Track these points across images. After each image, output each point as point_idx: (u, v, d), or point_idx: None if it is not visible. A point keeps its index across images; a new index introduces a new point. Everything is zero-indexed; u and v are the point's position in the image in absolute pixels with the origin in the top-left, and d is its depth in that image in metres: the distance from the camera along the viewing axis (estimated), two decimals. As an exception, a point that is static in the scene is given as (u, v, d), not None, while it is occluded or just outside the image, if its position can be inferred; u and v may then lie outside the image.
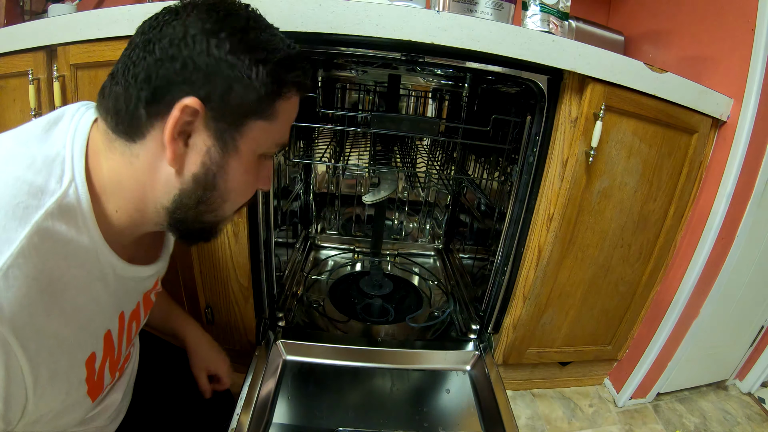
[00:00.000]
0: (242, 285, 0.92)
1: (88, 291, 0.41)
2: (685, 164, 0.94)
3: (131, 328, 0.52)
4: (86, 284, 0.40)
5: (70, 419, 0.46)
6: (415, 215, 1.61)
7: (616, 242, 0.97)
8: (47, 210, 0.35)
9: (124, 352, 0.52)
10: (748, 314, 1.19)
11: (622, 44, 1.26)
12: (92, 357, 0.44)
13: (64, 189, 0.37)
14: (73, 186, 0.38)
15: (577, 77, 0.79)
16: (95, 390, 0.47)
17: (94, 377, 0.46)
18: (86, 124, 0.42)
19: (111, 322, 0.48)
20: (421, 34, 0.70)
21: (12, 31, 0.87)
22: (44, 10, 1.24)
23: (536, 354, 1.08)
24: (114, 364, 0.50)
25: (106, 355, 0.47)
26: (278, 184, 1.05)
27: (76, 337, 0.40)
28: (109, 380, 0.50)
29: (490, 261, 1.05)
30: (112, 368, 0.50)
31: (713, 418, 1.17)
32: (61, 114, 0.43)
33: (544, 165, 0.87)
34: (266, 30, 0.42)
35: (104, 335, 0.46)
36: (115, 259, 0.44)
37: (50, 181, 0.37)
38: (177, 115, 0.37)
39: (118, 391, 0.60)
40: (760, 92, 0.87)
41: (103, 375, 0.48)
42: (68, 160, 0.39)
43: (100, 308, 0.44)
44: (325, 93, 1.39)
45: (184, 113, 0.38)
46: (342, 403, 0.85)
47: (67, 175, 0.38)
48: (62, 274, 0.37)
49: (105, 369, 0.48)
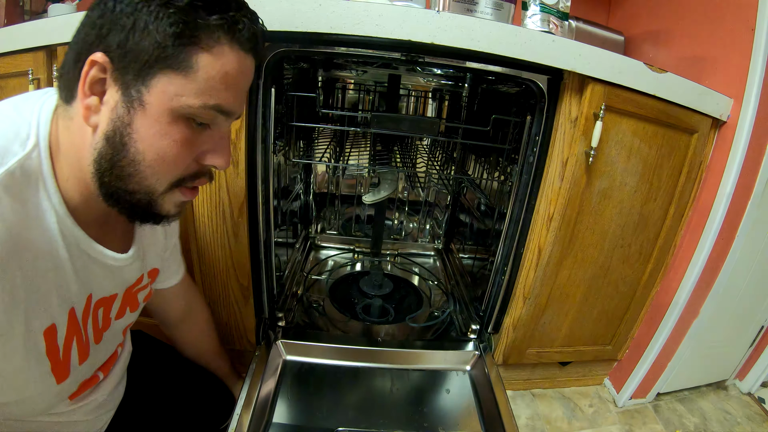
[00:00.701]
0: (242, 285, 0.92)
1: (49, 258, 0.41)
2: (685, 164, 0.94)
3: (97, 315, 0.51)
4: (47, 250, 0.41)
5: (37, 400, 0.45)
6: (415, 215, 1.61)
7: (616, 242, 0.97)
8: (8, 169, 0.37)
9: (91, 337, 0.51)
10: (748, 314, 1.19)
11: (622, 44, 1.26)
12: (52, 329, 0.44)
13: (27, 152, 0.39)
14: (36, 151, 0.39)
15: (577, 77, 0.79)
16: (60, 369, 0.46)
17: (58, 354, 0.45)
18: (53, 100, 0.43)
19: (77, 300, 0.47)
20: (421, 34, 0.70)
21: (12, 31, 0.87)
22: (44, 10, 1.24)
23: (536, 354, 1.08)
24: (83, 348, 0.49)
25: (70, 332, 0.46)
26: (278, 184, 1.05)
27: (32, 301, 0.40)
28: (77, 363, 0.49)
29: (490, 261, 1.05)
30: (82, 352, 0.49)
31: (713, 418, 1.17)
32: (33, 93, 0.44)
33: (544, 165, 0.87)
34: None
35: (68, 311, 0.46)
36: (77, 231, 0.43)
37: (14, 144, 0.38)
38: (86, 69, 0.38)
39: (102, 391, 0.59)
40: (760, 92, 0.87)
41: (69, 355, 0.47)
42: (34, 127, 0.40)
43: (62, 280, 0.44)
44: (325, 93, 1.39)
45: (91, 67, 0.38)
46: (342, 403, 0.85)
47: (32, 140, 0.40)
48: (20, 232, 0.37)
49: (72, 350, 0.47)
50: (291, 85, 1.03)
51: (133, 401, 0.68)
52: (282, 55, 0.75)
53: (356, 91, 1.41)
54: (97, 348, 0.53)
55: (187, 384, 0.80)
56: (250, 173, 0.82)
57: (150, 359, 0.77)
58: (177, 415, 0.73)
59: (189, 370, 0.83)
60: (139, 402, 0.69)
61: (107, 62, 0.38)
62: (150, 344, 0.81)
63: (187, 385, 0.80)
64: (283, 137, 1.04)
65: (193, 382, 0.81)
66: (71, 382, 0.50)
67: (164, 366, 0.80)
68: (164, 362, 0.81)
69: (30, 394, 0.45)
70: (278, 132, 0.95)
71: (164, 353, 0.82)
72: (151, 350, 0.80)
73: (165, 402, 0.74)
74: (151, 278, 0.63)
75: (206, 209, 0.84)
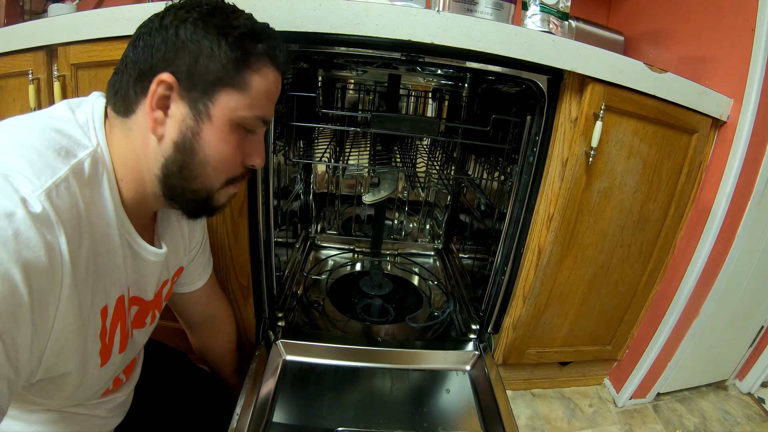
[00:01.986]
0: (242, 285, 0.92)
1: (107, 243, 0.45)
2: (685, 164, 0.94)
3: (131, 310, 0.55)
4: (105, 236, 0.45)
5: (79, 382, 0.48)
6: (415, 215, 1.61)
7: (616, 242, 0.97)
8: (81, 158, 0.42)
9: (129, 329, 0.55)
10: (748, 314, 1.19)
11: (622, 44, 1.26)
12: (105, 310, 0.48)
13: (94, 147, 0.44)
14: (99, 147, 0.45)
15: (577, 77, 0.79)
16: (105, 352, 0.50)
17: (105, 337, 0.49)
18: (101, 106, 0.48)
19: (124, 288, 0.51)
20: (421, 34, 0.70)
21: (12, 31, 0.87)
22: (44, 9, 1.24)
23: (536, 354, 1.08)
24: (124, 336, 0.53)
25: (115, 318, 0.50)
26: (278, 184, 1.05)
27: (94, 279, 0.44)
28: (117, 350, 0.52)
29: (490, 261, 1.05)
30: (122, 340, 0.53)
31: (713, 418, 1.17)
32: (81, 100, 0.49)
33: (544, 165, 0.87)
34: (232, 13, 0.48)
35: (117, 297, 0.50)
36: (128, 224, 0.49)
37: (84, 138, 0.44)
38: (154, 89, 0.44)
39: (124, 392, 0.62)
40: (760, 92, 0.87)
41: (113, 341, 0.51)
42: (92, 128, 0.46)
43: (115, 266, 0.48)
44: (325, 93, 1.39)
45: (160, 86, 0.44)
46: (342, 403, 0.85)
47: (93, 139, 0.45)
48: (89, 215, 0.42)
49: (115, 335, 0.51)
50: (291, 85, 1.03)
51: (134, 401, 0.68)
52: (282, 55, 0.75)
53: (356, 91, 1.41)
54: (131, 342, 0.56)
55: (187, 384, 0.80)
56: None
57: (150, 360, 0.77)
58: (177, 415, 0.73)
59: (189, 371, 0.83)
60: (139, 402, 0.69)
61: (174, 81, 0.44)
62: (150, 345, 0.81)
63: (187, 385, 0.80)
64: (283, 137, 1.04)
65: (193, 382, 0.81)
66: (110, 370, 0.53)
67: (164, 366, 0.80)
68: (164, 362, 0.81)
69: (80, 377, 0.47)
70: (278, 132, 0.95)
71: (164, 354, 0.82)
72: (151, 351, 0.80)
73: (165, 402, 0.74)
74: (177, 276, 0.66)
75: (206, 209, 0.84)
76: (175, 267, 0.65)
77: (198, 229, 0.69)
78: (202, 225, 0.71)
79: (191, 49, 0.45)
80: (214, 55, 0.45)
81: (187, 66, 0.45)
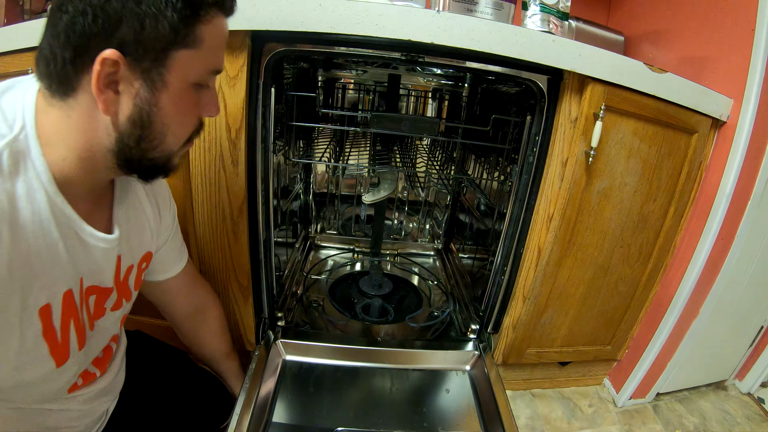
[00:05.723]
0: (242, 285, 0.92)
1: (42, 236, 0.42)
2: (685, 164, 0.94)
3: (89, 301, 0.52)
4: (39, 228, 0.42)
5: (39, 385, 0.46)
6: (415, 215, 1.61)
7: (616, 242, 0.97)
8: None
9: (87, 323, 0.52)
10: (748, 314, 1.19)
11: (622, 44, 1.26)
12: (47, 308, 0.45)
13: (15, 134, 0.41)
14: (24, 133, 0.41)
15: (577, 77, 0.79)
16: (60, 353, 0.47)
17: (55, 336, 0.46)
18: (34, 88, 0.44)
19: (72, 282, 0.48)
20: (421, 34, 0.70)
21: (12, 30, 0.87)
22: (44, 9, 1.24)
23: (536, 354, 1.08)
24: (80, 332, 0.50)
25: (66, 314, 0.47)
26: (278, 184, 1.05)
27: (28, 277, 0.41)
28: (76, 348, 0.50)
29: (490, 261, 1.05)
30: (80, 336, 0.50)
31: (713, 418, 1.17)
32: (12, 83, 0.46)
33: (543, 165, 0.87)
34: None
35: (64, 292, 0.47)
36: (68, 209, 0.45)
37: (2, 126, 0.41)
38: (98, 69, 0.39)
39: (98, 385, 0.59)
40: (760, 92, 0.87)
41: (68, 338, 0.48)
42: (20, 112, 0.42)
43: (55, 260, 0.45)
44: (325, 93, 1.39)
45: (104, 66, 0.39)
46: (341, 403, 0.85)
47: (18, 123, 0.41)
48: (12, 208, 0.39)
49: (70, 332, 0.48)
50: (291, 85, 1.03)
51: (133, 401, 0.68)
52: (282, 55, 0.75)
53: (356, 91, 1.41)
54: (92, 335, 0.54)
55: (186, 384, 0.80)
56: (249, 173, 0.82)
57: (149, 360, 0.77)
58: (177, 415, 0.73)
59: (189, 370, 0.83)
60: (139, 402, 0.69)
61: (119, 57, 0.39)
62: (149, 345, 0.81)
63: (187, 385, 0.80)
64: (282, 137, 1.04)
65: (193, 382, 0.81)
66: (72, 368, 0.51)
67: (164, 366, 0.80)
68: (164, 362, 0.81)
69: (30, 378, 0.46)
70: (278, 132, 0.95)
71: (163, 353, 0.82)
72: (151, 351, 0.80)
73: (165, 402, 0.74)
74: (145, 262, 0.63)
75: (206, 209, 0.84)
76: (141, 252, 0.61)
77: (168, 213, 0.67)
78: (171, 209, 0.69)
79: (134, 13, 0.39)
80: (161, 15, 0.39)
81: (133, 35, 0.39)
